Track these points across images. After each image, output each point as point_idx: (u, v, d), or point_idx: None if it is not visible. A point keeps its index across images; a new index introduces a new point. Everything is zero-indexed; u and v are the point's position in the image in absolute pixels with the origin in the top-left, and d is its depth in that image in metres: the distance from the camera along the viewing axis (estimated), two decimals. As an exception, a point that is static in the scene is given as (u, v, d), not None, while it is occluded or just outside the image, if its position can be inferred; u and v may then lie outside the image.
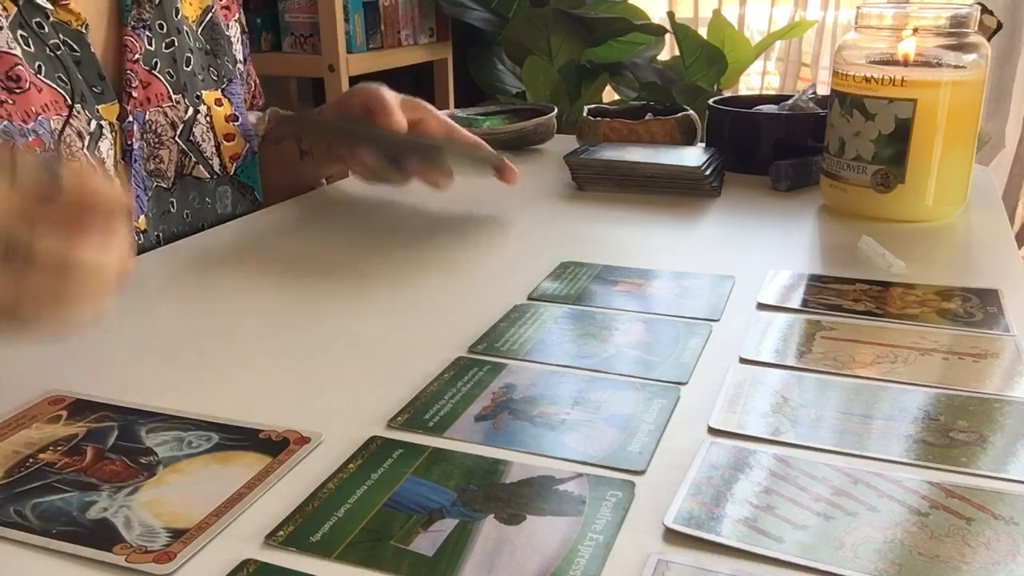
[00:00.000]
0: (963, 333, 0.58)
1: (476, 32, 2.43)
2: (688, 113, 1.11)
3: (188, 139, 0.85)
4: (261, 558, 0.37)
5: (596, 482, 0.42)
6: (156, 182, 0.82)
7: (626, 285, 0.68)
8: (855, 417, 0.47)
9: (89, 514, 0.40)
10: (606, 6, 2.33)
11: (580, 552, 0.37)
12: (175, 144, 0.83)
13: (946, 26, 0.81)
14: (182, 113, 0.84)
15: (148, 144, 0.81)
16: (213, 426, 0.47)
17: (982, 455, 0.44)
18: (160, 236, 0.82)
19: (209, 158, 0.87)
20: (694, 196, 0.94)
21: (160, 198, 0.82)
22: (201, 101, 0.86)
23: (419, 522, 0.39)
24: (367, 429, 0.47)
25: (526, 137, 1.17)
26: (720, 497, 0.40)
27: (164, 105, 0.82)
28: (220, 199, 0.89)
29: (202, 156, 0.86)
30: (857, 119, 0.82)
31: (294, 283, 0.71)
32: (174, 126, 0.83)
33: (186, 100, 0.84)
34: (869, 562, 0.36)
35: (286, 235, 0.85)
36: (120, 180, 0.76)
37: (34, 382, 0.52)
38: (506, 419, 0.48)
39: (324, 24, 2.03)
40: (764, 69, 2.86)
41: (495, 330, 0.59)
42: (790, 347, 0.56)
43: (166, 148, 0.82)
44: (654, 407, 0.49)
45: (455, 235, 0.83)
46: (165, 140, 0.82)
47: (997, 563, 0.36)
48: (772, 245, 0.79)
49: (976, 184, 0.89)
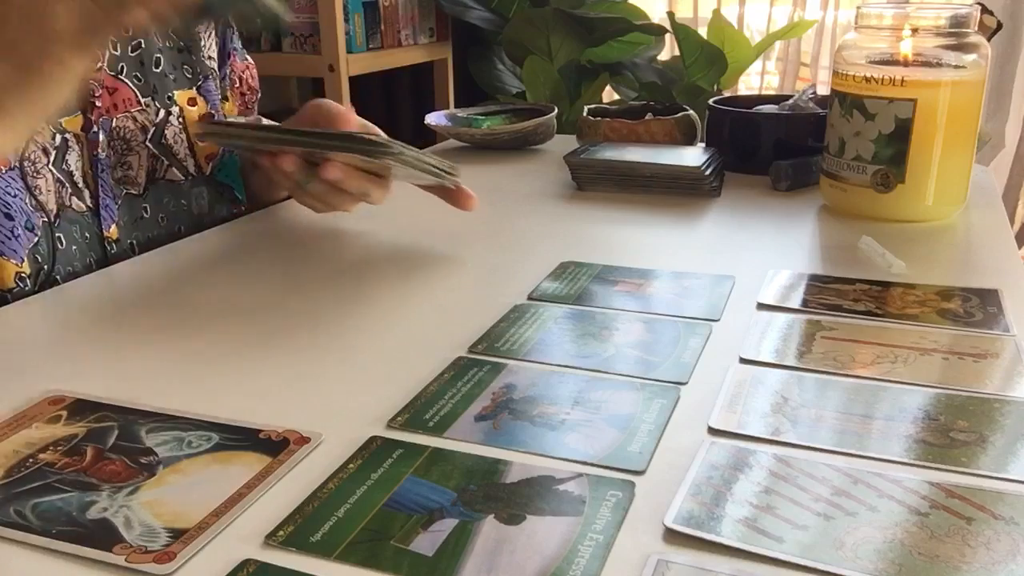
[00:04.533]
0: (963, 333, 0.58)
1: (476, 32, 2.43)
2: (688, 113, 1.11)
3: (160, 142, 0.83)
4: (261, 558, 0.37)
5: (596, 482, 0.42)
6: (125, 189, 0.80)
7: (626, 285, 0.68)
8: (855, 417, 0.47)
9: (89, 514, 0.40)
10: (606, 6, 2.33)
11: (580, 552, 0.37)
12: (145, 149, 0.82)
13: (946, 26, 0.81)
14: (152, 116, 0.82)
15: (116, 151, 0.79)
16: (213, 426, 0.47)
17: (982, 455, 0.44)
18: (134, 244, 0.80)
19: (183, 160, 0.85)
20: (694, 196, 0.94)
21: (131, 205, 0.80)
22: (173, 102, 0.84)
23: (419, 522, 0.39)
24: (367, 429, 0.47)
25: (526, 137, 1.17)
26: (720, 497, 0.40)
27: (133, 110, 0.80)
28: (196, 200, 0.87)
29: (175, 158, 0.85)
30: (857, 119, 0.82)
31: (294, 283, 0.71)
32: (144, 130, 0.81)
33: (156, 103, 0.82)
34: (869, 562, 0.36)
35: (286, 235, 0.85)
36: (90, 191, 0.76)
37: (34, 382, 0.52)
38: (506, 419, 0.48)
39: (324, 24, 2.03)
40: (764, 69, 2.85)
41: (495, 330, 0.59)
42: (790, 347, 0.56)
43: (135, 154, 0.81)
44: (654, 407, 0.49)
45: (455, 235, 0.83)
46: (134, 146, 0.80)
47: (997, 563, 0.36)
48: (772, 245, 0.79)
49: (976, 184, 0.89)
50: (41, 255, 0.70)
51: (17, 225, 0.69)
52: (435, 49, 2.41)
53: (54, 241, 0.72)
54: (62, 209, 0.73)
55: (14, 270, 0.68)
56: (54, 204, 0.72)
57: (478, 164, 1.12)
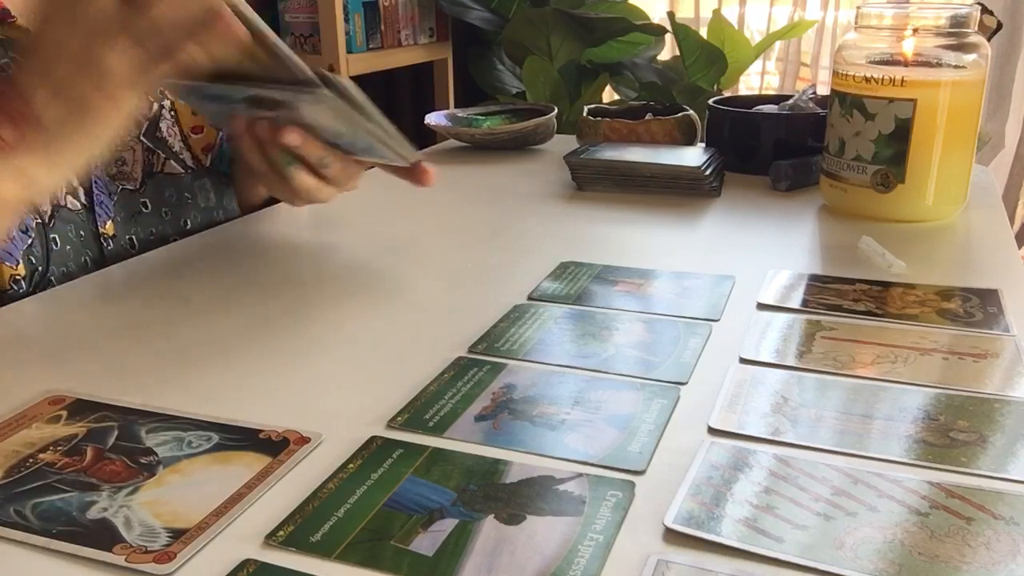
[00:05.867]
0: (963, 333, 0.58)
1: (476, 32, 2.43)
2: (688, 113, 1.11)
3: (154, 136, 0.83)
4: (261, 558, 0.37)
5: (596, 482, 0.42)
6: (121, 185, 0.80)
7: (626, 285, 0.68)
8: (855, 417, 0.47)
9: (89, 514, 0.40)
10: (606, 6, 2.33)
11: (580, 552, 0.37)
12: (139, 143, 0.81)
13: (946, 26, 0.81)
14: (145, 110, 0.82)
15: None
16: (213, 426, 0.47)
17: (982, 455, 0.44)
18: (133, 239, 0.80)
19: (179, 153, 0.85)
20: (694, 196, 0.94)
21: (128, 200, 0.80)
22: (165, 95, 0.84)
23: (419, 522, 0.39)
24: (367, 429, 0.47)
25: (526, 137, 1.17)
26: (720, 497, 0.40)
27: None
28: (201, 192, 0.87)
29: (171, 151, 0.84)
30: (857, 119, 0.82)
31: (295, 283, 0.71)
32: (138, 124, 0.81)
33: (149, 96, 0.82)
34: (869, 562, 0.36)
35: (286, 236, 0.85)
36: None
37: (34, 382, 0.52)
38: (506, 419, 0.48)
39: (324, 24, 2.03)
40: (764, 69, 2.86)
41: (495, 330, 0.59)
42: (790, 347, 0.56)
43: (129, 149, 0.80)
44: (654, 407, 0.49)
45: (455, 235, 0.83)
46: (128, 140, 0.80)
47: (997, 563, 0.36)
48: (772, 245, 0.79)
49: (976, 184, 0.89)
50: (35, 257, 0.70)
51: None
52: (435, 49, 2.41)
53: (48, 242, 0.72)
54: (56, 208, 0.73)
55: (9, 273, 0.68)
56: (48, 204, 0.72)
57: (478, 164, 1.12)
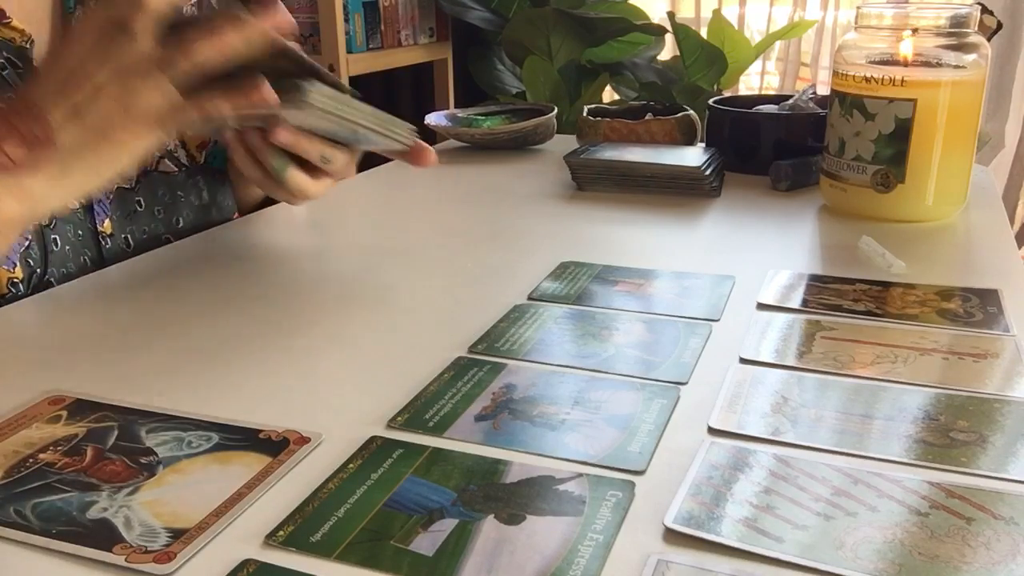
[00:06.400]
0: (963, 333, 0.58)
1: (476, 32, 2.43)
2: (688, 113, 1.11)
3: None
4: (261, 558, 0.37)
5: (596, 482, 0.42)
6: (116, 183, 0.79)
7: (626, 285, 0.68)
8: (855, 417, 0.47)
9: (89, 514, 0.40)
10: (606, 6, 2.33)
11: (580, 552, 0.37)
12: None
13: (946, 26, 0.81)
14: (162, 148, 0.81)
15: None
16: (213, 426, 0.47)
17: (982, 455, 0.44)
18: (129, 238, 0.80)
19: (174, 150, 0.85)
20: (694, 196, 0.94)
21: (124, 199, 0.80)
22: None
23: (419, 522, 0.39)
24: (367, 429, 0.47)
25: (526, 137, 1.17)
26: (720, 497, 0.40)
27: None
28: (195, 190, 0.87)
29: (165, 149, 0.84)
30: (857, 119, 0.82)
31: (295, 283, 0.71)
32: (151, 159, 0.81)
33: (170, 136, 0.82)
34: (869, 562, 0.36)
35: (286, 235, 0.85)
36: None
37: (34, 382, 0.52)
38: (506, 419, 0.48)
39: (324, 24, 2.03)
40: (764, 69, 2.86)
41: (495, 330, 0.59)
42: (790, 347, 0.56)
43: None
44: (654, 407, 0.49)
45: (455, 235, 0.83)
46: None
47: (997, 563, 0.36)
48: (772, 245, 0.79)
49: (976, 184, 0.89)
50: (33, 259, 0.70)
51: None
52: (435, 49, 2.41)
53: (47, 244, 0.72)
54: None
55: (7, 276, 0.68)
56: None
57: (478, 164, 1.12)
